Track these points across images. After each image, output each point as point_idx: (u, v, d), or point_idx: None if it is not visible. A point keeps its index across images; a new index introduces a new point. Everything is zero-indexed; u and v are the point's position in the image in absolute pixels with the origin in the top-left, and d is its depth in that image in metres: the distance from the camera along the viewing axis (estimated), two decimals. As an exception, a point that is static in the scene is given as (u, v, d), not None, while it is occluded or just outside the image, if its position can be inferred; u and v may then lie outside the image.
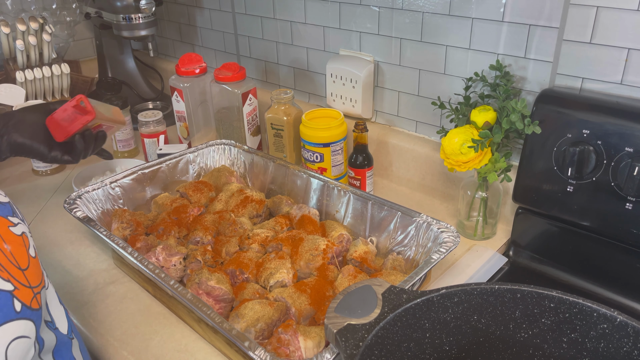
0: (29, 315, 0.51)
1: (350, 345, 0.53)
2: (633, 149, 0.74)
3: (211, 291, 0.77)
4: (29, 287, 0.52)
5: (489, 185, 0.93)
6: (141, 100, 1.57)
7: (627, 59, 0.79)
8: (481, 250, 0.94)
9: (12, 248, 0.52)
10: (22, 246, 0.54)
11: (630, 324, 0.53)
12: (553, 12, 0.83)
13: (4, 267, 0.50)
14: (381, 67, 1.11)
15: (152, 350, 0.76)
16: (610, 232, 0.81)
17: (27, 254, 0.54)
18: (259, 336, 0.71)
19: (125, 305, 0.85)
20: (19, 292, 0.50)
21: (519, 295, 0.58)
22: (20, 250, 0.53)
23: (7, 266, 0.50)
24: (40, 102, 1.25)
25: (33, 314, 0.51)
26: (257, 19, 1.33)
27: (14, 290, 0.50)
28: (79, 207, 0.93)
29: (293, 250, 0.86)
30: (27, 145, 0.84)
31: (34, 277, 0.54)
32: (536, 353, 0.59)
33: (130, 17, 1.33)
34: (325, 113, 1.14)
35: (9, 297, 0.49)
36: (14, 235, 0.54)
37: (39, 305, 0.53)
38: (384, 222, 0.90)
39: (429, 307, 0.58)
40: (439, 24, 0.98)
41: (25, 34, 1.31)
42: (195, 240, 0.91)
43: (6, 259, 0.51)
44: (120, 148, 1.31)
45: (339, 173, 1.12)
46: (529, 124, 0.82)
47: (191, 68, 1.29)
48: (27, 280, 0.52)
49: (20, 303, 0.50)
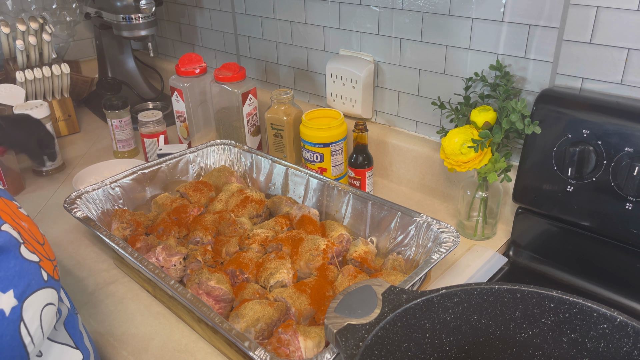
0: (53, 284, 0.55)
1: (350, 345, 0.53)
2: (633, 149, 0.74)
3: (211, 291, 0.77)
4: (49, 260, 0.57)
5: (489, 185, 0.93)
6: (141, 100, 1.57)
7: (627, 59, 0.79)
8: (481, 250, 0.94)
9: (28, 225, 0.56)
10: (34, 225, 0.59)
11: (630, 324, 0.53)
12: (553, 12, 0.83)
13: (28, 240, 0.54)
14: (381, 67, 1.11)
15: (152, 350, 0.76)
16: (610, 232, 0.81)
17: (39, 232, 0.59)
18: (259, 336, 0.71)
19: (125, 305, 0.85)
20: (43, 264, 0.54)
21: (519, 295, 0.58)
22: (34, 228, 0.58)
23: (30, 240, 0.54)
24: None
25: (56, 283, 0.56)
26: (257, 19, 1.33)
27: (39, 261, 0.54)
28: (79, 207, 0.93)
29: (293, 250, 0.86)
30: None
31: (50, 252, 0.59)
32: (536, 353, 0.59)
33: (130, 17, 1.33)
34: (325, 113, 1.14)
35: (37, 267, 0.53)
36: (25, 215, 0.58)
37: (58, 277, 0.58)
38: (384, 222, 0.90)
39: (429, 307, 0.58)
40: (439, 24, 0.98)
41: (25, 34, 1.31)
42: (195, 240, 0.91)
43: (27, 234, 0.55)
44: (120, 148, 1.31)
45: (339, 173, 1.12)
46: (529, 124, 0.82)
47: (191, 68, 1.29)
48: (47, 253, 0.57)
49: (46, 273, 0.54)
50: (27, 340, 0.50)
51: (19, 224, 0.54)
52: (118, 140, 1.31)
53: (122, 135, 1.30)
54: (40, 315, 0.51)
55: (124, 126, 1.30)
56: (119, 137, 1.30)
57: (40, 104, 1.23)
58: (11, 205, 0.57)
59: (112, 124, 1.28)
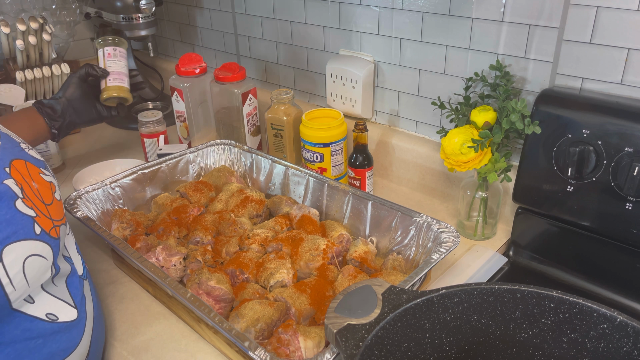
0: (47, 240, 0.59)
1: (350, 345, 0.53)
2: (633, 149, 0.74)
3: (211, 291, 0.77)
4: (49, 218, 0.61)
5: (489, 185, 0.93)
6: (141, 100, 1.57)
7: (627, 59, 0.79)
8: (481, 250, 0.94)
9: (39, 187, 0.62)
10: (48, 188, 0.64)
11: (630, 324, 0.53)
12: (553, 12, 0.83)
13: (29, 197, 0.59)
14: (381, 67, 1.11)
15: (152, 350, 0.76)
16: (610, 232, 0.81)
17: (52, 195, 0.64)
18: (259, 336, 0.71)
19: (125, 305, 0.85)
20: (39, 219, 0.59)
21: (519, 295, 0.58)
22: (46, 190, 0.64)
23: (32, 197, 0.60)
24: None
25: (51, 240, 0.60)
26: (257, 19, 1.33)
27: (35, 216, 0.59)
28: (79, 207, 0.93)
29: (293, 250, 0.86)
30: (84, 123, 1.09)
31: (55, 213, 0.63)
32: (536, 353, 0.59)
33: (130, 17, 1.33)
34: (325, 113, 1.14)
35: (30, 221, 0.58)
36: (43, 180, 0.64)
37: (57, 235, 0.62)
38: (384, 222, 0.90)
39: (429, 307, 0.58)
40: (439, 24, 0.98)
41: (25, 34, 1.31)
42: (195, 240, 0.91)
43: (32, 192, 0.60)
44: (110, 82, 1.11)
45: (339, 173, 1.12)
46: (529, 124, 0.82)
47: (191, 68, 1.29)
48: (49, 212, 0.62)
49: (40, 228, 0.59)
50: (5, 280, 0.54)
51: (28, 183, 0.60)
52: (110, 71, 1.11)
53: (115, 66, 1.12)
54: (23, 262, 0.55)
55: (118, 57, 1.13)
56: (111, 67, 1.12)
57: (40, 104, 1.23)
58: (33, 169, 0.63)
59: (104, 53, 1.12)
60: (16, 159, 0.61)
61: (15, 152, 0.62)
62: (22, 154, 0.63)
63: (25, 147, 0.66)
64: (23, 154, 0.63)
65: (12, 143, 0.63)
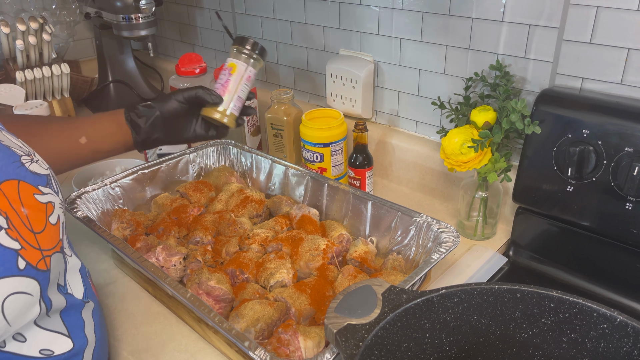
0: (33, 275, 0.54)
1: (350, 345, 0.53)
2: (633, 149, 0.74)
3: (211, 291, 0.77)
4: (37, 249, 0.56)
5: (489, 185, 0.93)
6: (141, 100, 1.57)
7: (627, 59, 0.79)
8: (481, 250, 0.94)
9: (30, 212, 0.56)
10: (42, 212, 0.58)
11: (630, 324, 0.53)
12: (553, 12, 0.83)
13: (15, 227, 0.54)
14: (381, 67, 1.11)
15: (152, 350, 0.76)
16: (610, 232, 0.81)
17: (45, 219, 0.58)
18: (259, 336, 0.71)
19: (125, 305, 0.85)
20: (25, 252, 0.54)
21: (519, 295, 0.58)
22: (39, 215, 0.57)
23: (18, 227, 0.54)
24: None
25: (39, 274, 0.55)
26: (257, 19, 1.33)
27: (20, 249, 0.53)
28: (79, 207, 0.93)
29: (293, 250, 0.86)
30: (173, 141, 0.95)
31: (47, 241, 0.57)
32: (536, 353, 0.59)
33: (130, 17, 1.33)
34: (325, 113, 1.14)
35: (14, 255, 0.53)
36: (36, 202, 0.58)
37: (47, 267, 0.56)
38: (384, 222, 0.90)
39: (429, 307, 0.58)
40: (439, 24, 0.98)
41: (25, 34, 1.31)
42: (195, 240, 0.91)
43: (20, 220, 0.55)
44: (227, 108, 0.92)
45: (339, 173, 1.12)
46: (529, 124, 0.82)
47: (191, 68, 1.29)
48: (38, 242, 0.56)
49: (24, 262, 0.54)
50: None
51: (16, 210, 0.55)
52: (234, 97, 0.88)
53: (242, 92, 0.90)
54: (3, 302, 0.51)
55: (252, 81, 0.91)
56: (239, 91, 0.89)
57: (40, 104, 1.23)
58: (26, 191, 0.57)
59: (244, 72, 0.89)
60: (7, 179, 0.56)
61: (8, 171, 0.56)
62: (17, 172, 0.57)
63: (28, 160, 0.60)
64: (19, 171, 0.57)
65: (9, 158, 0.57)
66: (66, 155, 0.85)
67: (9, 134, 0.62)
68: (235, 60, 0.89)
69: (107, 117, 0.89)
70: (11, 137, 0.61)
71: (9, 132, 0.62)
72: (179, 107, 0.90)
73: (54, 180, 0.63)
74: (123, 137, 0.89)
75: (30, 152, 0.61)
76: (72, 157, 0.86)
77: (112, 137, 0.88)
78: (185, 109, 0.91)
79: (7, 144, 0.59)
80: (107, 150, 0.89)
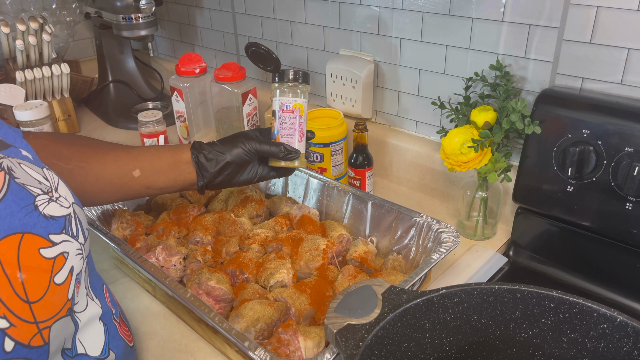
0: (25, 354, 0.48)
1: (350, 345, 0.53)
2: (633, 149, 0.74)
3: (211, 291, 0.77)
4: (31, 323, 0.49)
5: (489, 185, 0.93)
6: (141, 100, 1.57)
7: (627, 59, 0.79)
8: (481, 250, 0.94)
9: (28, 276, 0.49)
10: (44, 272, 0.50)
11: (630, 324, 0.53)
12: (553, 12, 0.83)
13: (2, 301, 0.47)
14: (381, 67, 1.11)
15: (152, 350, 0.76)
16: (610, 232, 0.81)
17: (48, 281, 0.50)
18: (259, 336, 0.71)
19: (125, 305, 0.85)
20: (14, 330, 0.47)
21: (519, 295, 0.58)
22: (39, 277, 0.50)
23: (7, 300, 0.47)
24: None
25: (32, 352, 0.49)
26: (257, 19, 1.33)
27: (7, 328, 0.47)
28: (79, 207, 0.92)
29: (293, 250, 0.86)
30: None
31: (46, 309, 0.50)
32: (536, 353, 0.59)
33: (130, 17, 1.33)
34: (325, 113, 1.14)
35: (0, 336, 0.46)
36: (40, 261, 0.50)
37: (44, 342, 0.50)
38: (384, 222, 0.90)
39: (429, 307, 0.58)
40: (439, 24, 0.98)
41: (25, 34, 1.31)
42: (195, 240, 0.91)
43: (11, 290, 0.47)
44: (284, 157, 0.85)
45: (339, 173, 1.12)
46: (529, 124, 0.82)
47: (191, 68, 1.29)
48: (33, 314, 0.49)
49: (13, 342, 0.47)
50: None
51: (9, 277, 0.47)
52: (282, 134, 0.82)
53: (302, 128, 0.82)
54: None
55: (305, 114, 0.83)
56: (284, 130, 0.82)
57: (40, 104, 1.23)
58: (30, 246, 0.49)
59: (299, 113, 0.81)
60: (8, 235, 0.48)
61: (13, 223, 0.48)
62: (23, 222, 0.49)
63: (44, 201, 0.52)
64: (27, 219, 0.49)
65: (19, 203, 0.49)
66: (118, 186, 0.79)
67: (34, 165, 0.54)
68: (300, 100, 0.82)
69: (166, 151, 0.82)
70: (33, 171, 0.53)
71: (34, 163, 0.55)
72: (246, 156, 0.82)
73: (75, 221, 0.55)
74: (182, 176, 0.81)
75: (50, 189, 0.53)
76: (124, 189, 0.80)
77: (169, 174, 0.81)
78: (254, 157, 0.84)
79: (22, 181, 0.51)
80: (160, 187, 0.81)
